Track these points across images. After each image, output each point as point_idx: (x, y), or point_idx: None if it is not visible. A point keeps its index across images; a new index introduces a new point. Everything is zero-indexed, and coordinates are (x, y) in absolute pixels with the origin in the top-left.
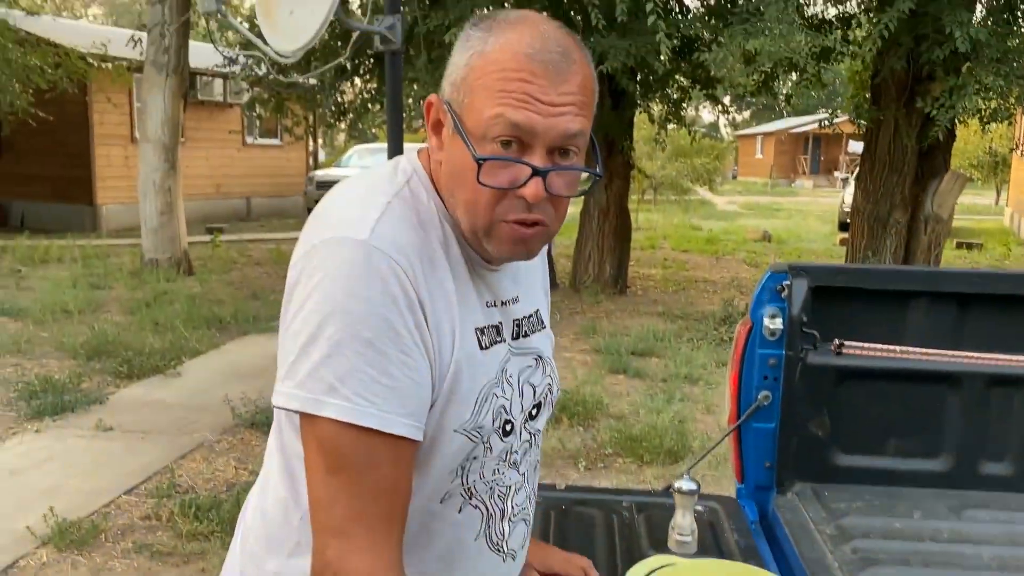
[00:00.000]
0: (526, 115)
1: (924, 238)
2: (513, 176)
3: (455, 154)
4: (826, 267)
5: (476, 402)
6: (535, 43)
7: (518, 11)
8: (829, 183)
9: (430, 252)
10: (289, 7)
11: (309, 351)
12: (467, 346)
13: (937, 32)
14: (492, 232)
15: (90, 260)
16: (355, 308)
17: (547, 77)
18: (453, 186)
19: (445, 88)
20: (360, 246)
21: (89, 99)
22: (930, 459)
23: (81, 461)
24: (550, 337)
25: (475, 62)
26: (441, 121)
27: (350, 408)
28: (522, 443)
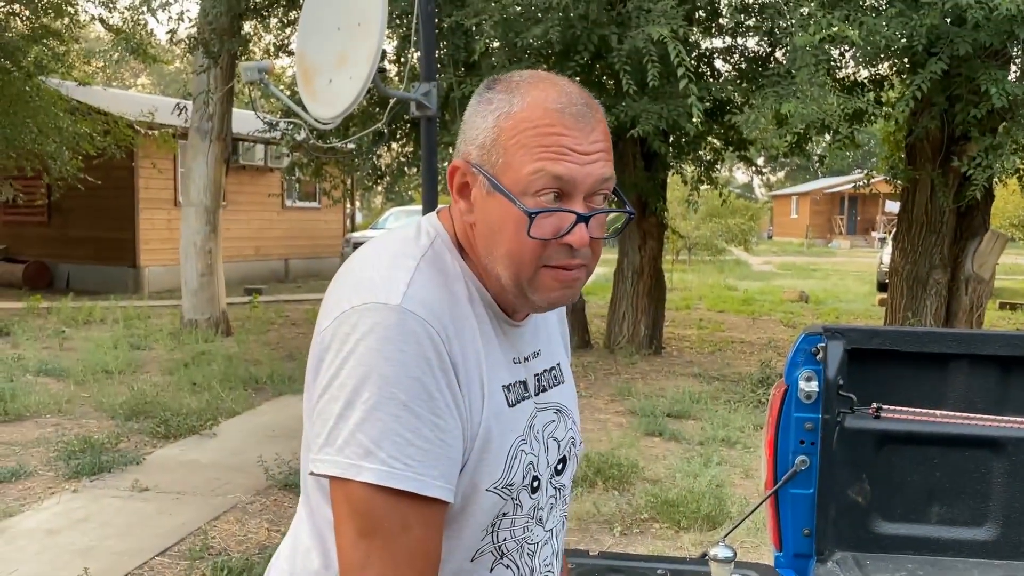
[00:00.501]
0: (566, 167)
1: (965, 299)
2: (557, 225)
3: (492, 212)
4: (861, 329)
5: (507, 460)
6: (561, 98)
7: (529, 71)
8: (867, 243)
9: (459, 312)
10: (328, 76)
11: (346, 416)
12: (496, 404)
13: (971, 92)
14: (537, 280)
15: (131, 321)
16: (390, 371)
17: (578, 128)
18: (492, 243)
19: (471, 152)
20: (393, 311)
21: (135, 164)
22: (975, 527)
23: (116, 522)
24: (572, 390)
25: (504, 123)
26: (468, 184)
27: (387, 472)
28: (548, 499)
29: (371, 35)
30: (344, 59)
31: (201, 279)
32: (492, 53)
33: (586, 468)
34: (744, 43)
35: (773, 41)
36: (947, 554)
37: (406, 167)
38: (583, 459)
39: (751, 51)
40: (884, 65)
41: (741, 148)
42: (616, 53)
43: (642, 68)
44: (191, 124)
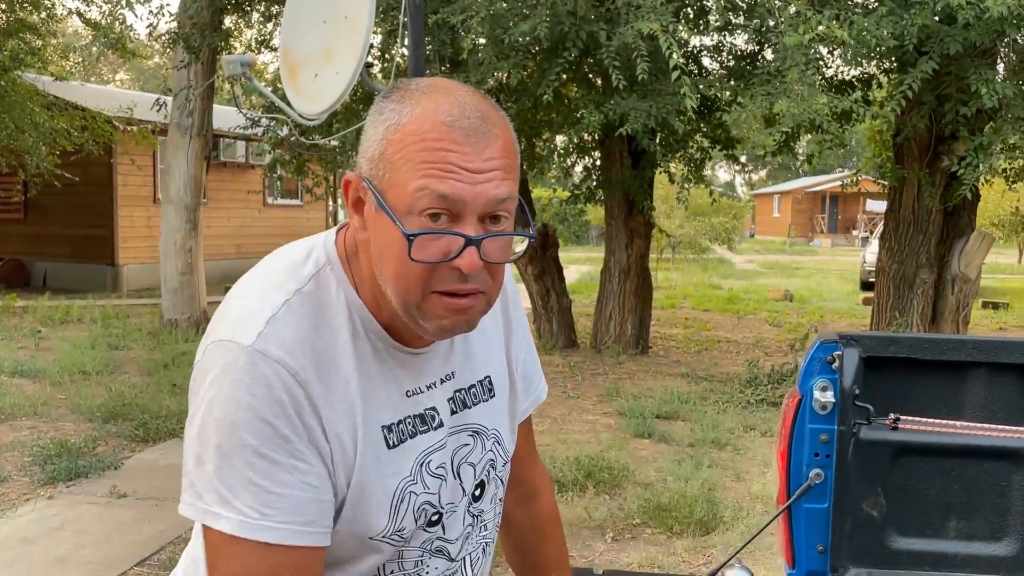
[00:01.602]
0: (452, 185)
1: (951, 298)
2: (445, 248)
3: (380, 232)
4: (878, 336)
5: (392, 506)
6: (452, 110)
7: (430, 79)
8: (847, 241)
9: (330, 353)
10: (313, 71)
11: (203, 461)
12: (373, 449)
13: (961, 92)
14: (426, 307)
15: (109, 320)
16: (240, 417)
17: (469, 144)
18: (381, 264)
19: (362, 165)
20: (244, 352)
21: (114, 161)
22: (994, 543)
23: (93, 530)
24: (501, 404)
25: (392, 135)
26: (362, 199)
27: (241, 522)
28: (463, 528)
29: (358, 29)
30: (330, 53)
31: (181, 278)
32: (479, 50)
33: (576, 471)
34: (732, 41)
35: (762, 39)
36: (965, 570)
37: None
38: (573, 463)
39: (739, 49)
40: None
41: (728, 147)
42: (605, 49)
43: (631, 64)
44: (171, 120)
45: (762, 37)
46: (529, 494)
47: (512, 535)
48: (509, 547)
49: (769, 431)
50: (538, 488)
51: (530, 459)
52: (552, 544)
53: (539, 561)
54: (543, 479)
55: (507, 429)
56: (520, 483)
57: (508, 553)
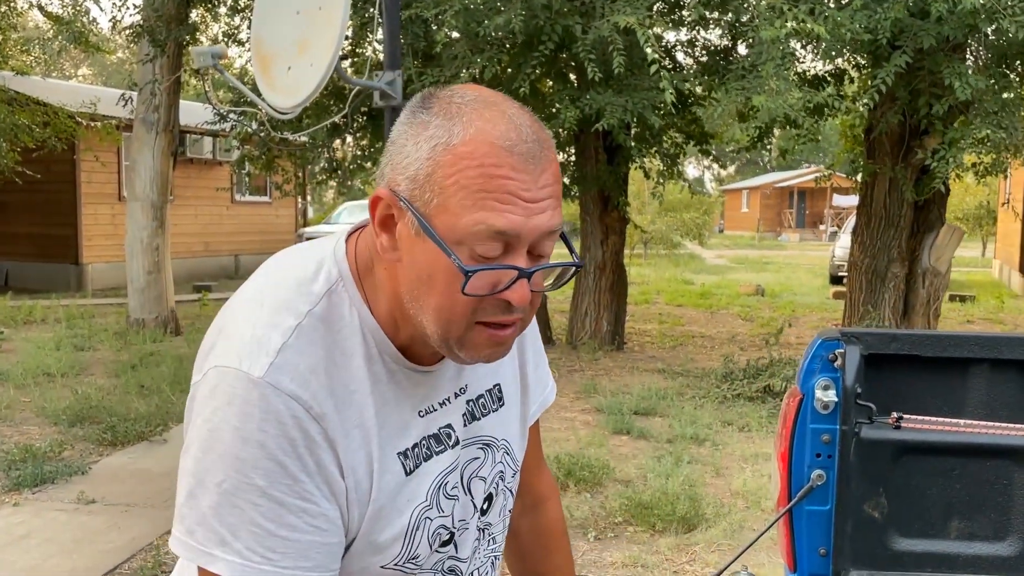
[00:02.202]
0: (510, 219)
1: (922, 292)
2: (496, 280)
3: (420, 258)
4: (879, 333)
5: (406, 535)
6: (510, 133)
7: (474, 90)
8: (815, 236)
9: (344, 380)
10: (287, 63)
11: (197, 496)
12: (390, 478)
13: (933, 86)
14: (468, 339)
15: (74, 321)
16: (247, 454)
17: (527, 172)
18: (418, 292)
19: (399, 182)
20: (254, 385)
21: (77, 158)
22: (997, 543)
23: (61, 538)
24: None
25: (442, 157)
26: (394, 218)
27: (242, 565)
28: (471, 543)
29: (333, 20)
30: (305, 46)
31: (148, 276)
32: (453, 44)
33: (556, 470)
34: (706, 36)
35: (736, 34)
36: (967, 571)
37: (363, 161)
38: (553, 461)
39: (713, 44)
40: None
41: (702, 142)
42: (580, 43)
43: (607, 59)
44: (136, 115)
45: (736, 32)
46: (535, 503)
47: (516, 545)
48: (512, 557)
49: (747, 426)
50: (544, 497)
51: (536, 467)
52: (559, 555)
53: (544, 572)
54: (550, 487)
55: (517, 438)
56: (525, 492)
57: (511, 563)
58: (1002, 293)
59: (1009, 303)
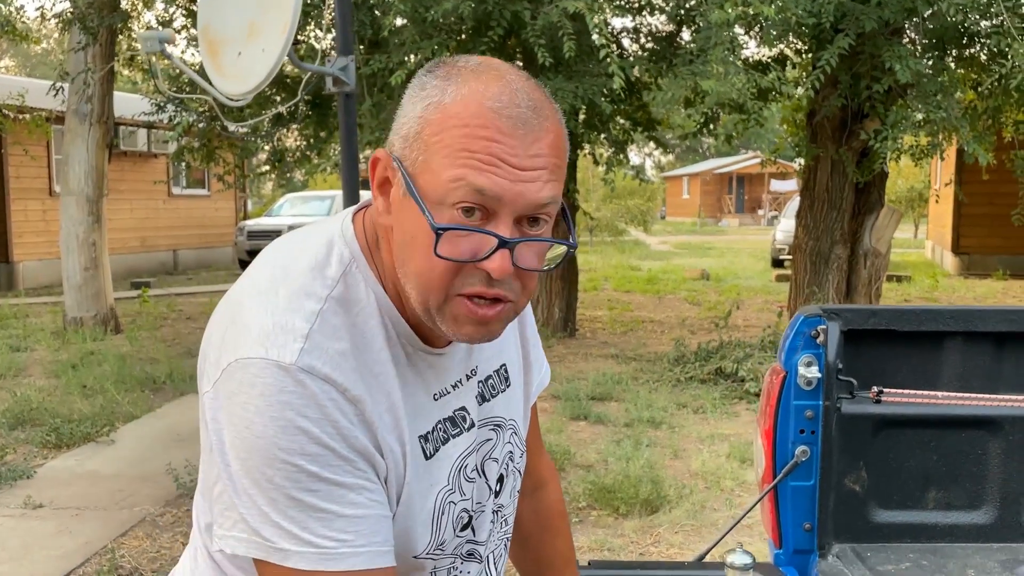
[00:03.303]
0: (492, 179)
1: (864, 272)
2: (475, 247)
3: (406, 220)
4: (858, 309)
5: (433, 520)
6: (502, 96)
7: (480, 58)
8: (754, 221)
9: (369, 364)
10: (237, 48)
11: (251, 495)
12: (414, 463)
13: (874, 68)
14: (446, 309)
15: (7, 320)
16: (291, 443)
17: (516, 136)
18: (404, 256)
19: (395, 143)
20: (287, 373)
21: (4, 152)
22: (972, 511)
23: (9, 544)
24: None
25: (432, 115)
26: (390, 180)
27: (320, 554)
28: (487, 527)
29: (285, 3)
30: (255, 30)
31: (85, 273)
32: (400, 30)
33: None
34: (652, 22)
35: (681, 20)
36: (946, 540)
37: (308, 152)
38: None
39: (658, 30)
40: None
41: (649, 128)
42: (530, 29)
43: (556, 44)
44: (68, 107)
45: (681, 18)
46: (535, 485)
47: (517, 531)
48: (513, 544)
49: (701, 408)
50: (545, 480)
51: (536, 449)
52: (560, 539)
53: (546, 556)
54: (550, 470)
55: (522, 417)
56: (527, 474)
57: (512, 550)
58: (936, 272)
59: (943, 282)
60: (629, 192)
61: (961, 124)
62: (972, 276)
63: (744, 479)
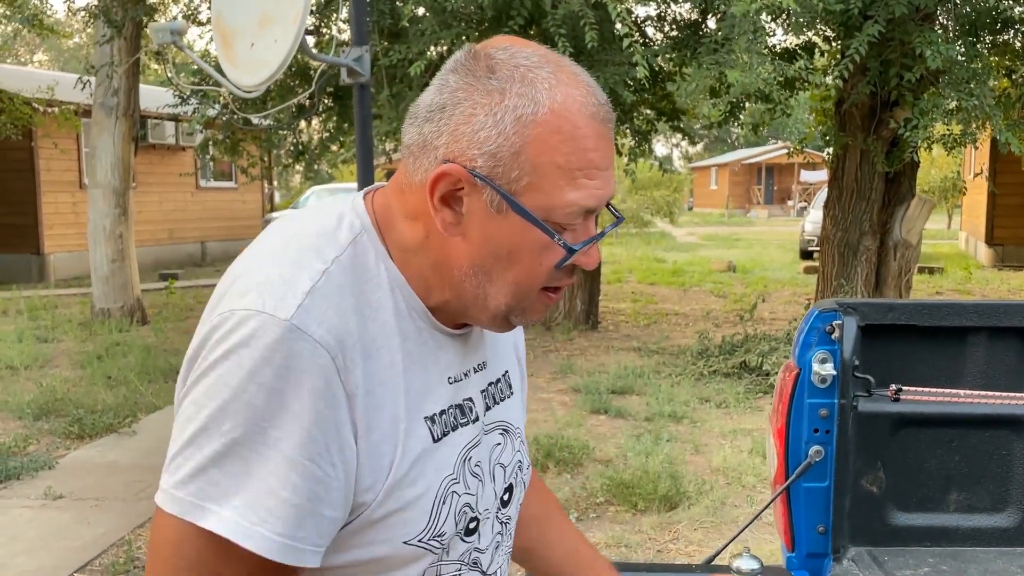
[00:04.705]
0: (597, 196)
1: (894, 264)
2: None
3: (499, 234)
4: (876, 303)
5: (433, 507)
6: (589, 98)
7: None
8: (783, 212)
9: (373, 333)
10: (249, 40)
11: (199, 444)
12: (416, 442)
13: (904, 56)
14: (531, 306)
15: (37, 312)
16: (262, 401)
17: (605, 138)
18: (492, 267)
19: (474, 157)
20: (279, 327)
21: (35, 145)
22: (996, 514)
23: (28, 535)
24: (520, 402)
25: (532, 132)
26: (461, 194)
27: (235, 524)
28: (493, 537)
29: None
30: (267, 20)
31: (112, 265)
32: (420, 20)
33: (536, 451)
34: (676, 10)
35: (705, 8)
36: (968, 544)
37: (329, 143)
38: (532, 443)
39: (683, 18)
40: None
41: (674, 118)
42: (551, 18)
43: (578, 33)
44: (95, 100)
45: (706, 5)
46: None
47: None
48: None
49: (724, 402)
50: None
51: None
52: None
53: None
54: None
55: (523, 430)
56: None
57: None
58: (969, 264)
59: (976, 274)
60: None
61: (994, 112)
62: (1007, 268)
63: (766, 475)
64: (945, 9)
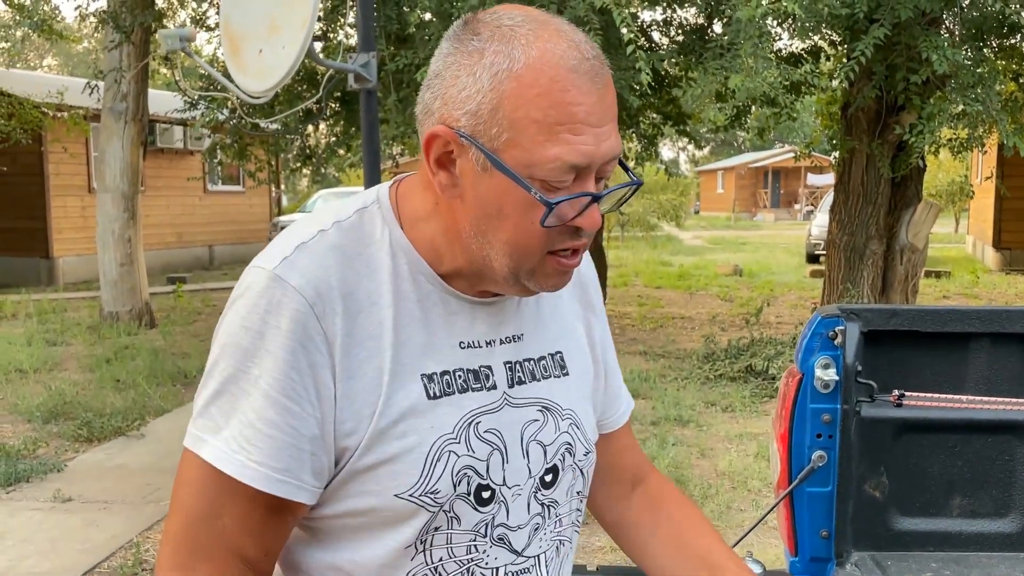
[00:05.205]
0: (584, 151)
1: (900, 268)
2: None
3: (488, 193)
4: (879, 309)
5: (425, 462)
6: (570, 51)
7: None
8: (790, 215)
9: (363, 289)
10: (258, 45)
11: (206, 384)
12: (406, 397)
13: (910, 60)
14: (539, 269)
15: (46, 315)
16: (247, 342)
17: (594, 93)
18: (486, 227)
19: (457, 117)
20: (265, 276)
21: (44, 149)
22: (999, 519)
23: (37, 537)
24: (580, 383)
25: (506, 87)
26: (452, 155)
27: (221, 452)
28: (531, 517)
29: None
30: (275, 26)
31: (120, 269)
32: (427, 25)
33: None
34: (682, 15)
35: (711, 13)
36: (971, 549)
37: (336, 147)
38: None
39: (689, 23)
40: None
41: (680, 123)
42: None
43: None
44: (104, 104)
45: (712, 10)
46: (635, 479)
47: (637, 532)
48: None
49: (730, 406)
50: (645, 471)
51: (630, 446)
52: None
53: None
54: (650, 465)
55: (587, 415)
56: (623, 468)
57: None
58: (976, 268)
59: (984, 278)
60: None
61: (1000, 117)
62: (1014, 272)
63: (771, 480)
64: (951, 13)
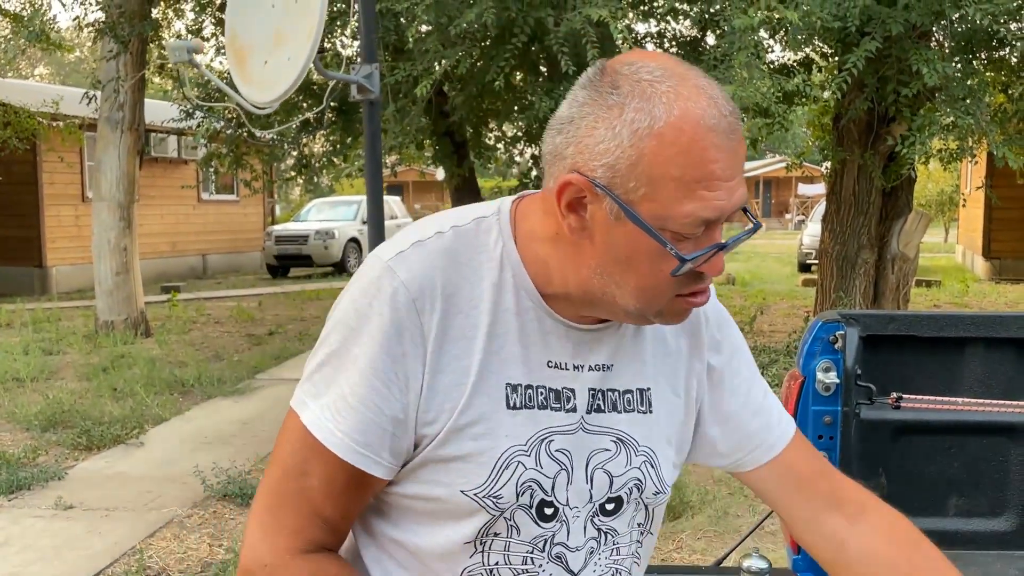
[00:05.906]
0: (716, 207)
1: (892, 277)
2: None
3: (620, 241)
4: (878, 314)
5: (494, 466)
6: (711, 109)
7: (655, 60)
8: (781, 225)
9: (468, 294)
10: (263, 57)
11: (316, 353)
12: (487, 401)
13: (901, 72)
14: (667, 310)
15: (41, 324)
16: (355, 322)
17: (729, 150)
18: (614, 271)
19: (594, 168)
20: (379, 266)
21: (39, 158)
22: (994, 519)
23: (40, 544)
24: (663, 425)
25: (648, 145)
26: (584, 201)
27: (316, 418)
28: (587, 540)
29: (310, 11)
30: (281, 38)
31: (116, 278)
32: (424, 38)
33: None
34: (677, 28)
35: (705, 25)
36: (967, 547)
37: (333, 157)
38: None
39: (683, 36)
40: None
41: None
42: (553, 36)
43: (579, 51)
44: (100, 114)
45: (706, 23)
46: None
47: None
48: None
49: None
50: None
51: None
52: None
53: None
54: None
55: (666, 458)
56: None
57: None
58: (966, 277)
59: (974, 287)
60: None
61: (990, 128)
62: (1004, 281)
63: None
64: (941, 27)
